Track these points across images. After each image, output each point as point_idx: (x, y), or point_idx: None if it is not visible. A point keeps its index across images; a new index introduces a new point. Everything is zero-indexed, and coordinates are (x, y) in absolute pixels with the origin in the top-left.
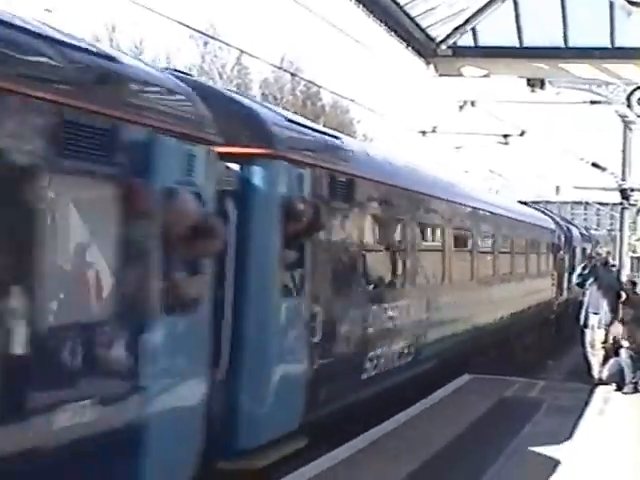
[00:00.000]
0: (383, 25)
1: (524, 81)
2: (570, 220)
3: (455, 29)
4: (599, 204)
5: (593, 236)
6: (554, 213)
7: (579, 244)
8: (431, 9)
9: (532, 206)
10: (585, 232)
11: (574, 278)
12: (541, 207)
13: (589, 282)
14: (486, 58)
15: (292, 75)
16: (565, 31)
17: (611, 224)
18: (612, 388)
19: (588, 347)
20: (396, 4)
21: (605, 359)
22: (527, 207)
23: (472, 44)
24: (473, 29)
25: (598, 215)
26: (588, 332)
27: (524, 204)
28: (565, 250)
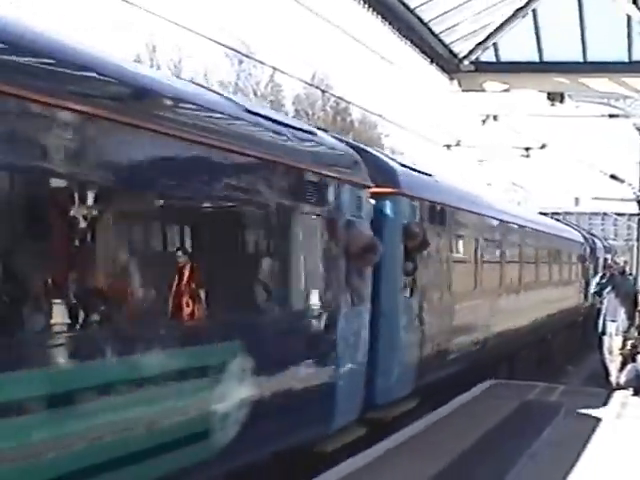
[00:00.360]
0: (408, 42)
1: (544, 95)
2: (592, 232)
3: (477, 45)
4: (617, 215)
5: (612, 247)
6: (580, 227)
7: (602, 254)
8: (454, 26)
9: (563, 221)
10: (606, 244)
11: (592, 287)
12: (565, 219)
13: (607, 290)
14: (507, 73)
15: (322, 92)
16: (584, 46)
17: (628, 234)
18: (629, 393)
19: (606, 353)
20: (420, 21)
21: (623, 365)
22: (559, 222)
23: (494, 59)
24: (495, 45)
25: (616, 225)
26: (606, 339)
27: (544, 215)
28: (590, 260)
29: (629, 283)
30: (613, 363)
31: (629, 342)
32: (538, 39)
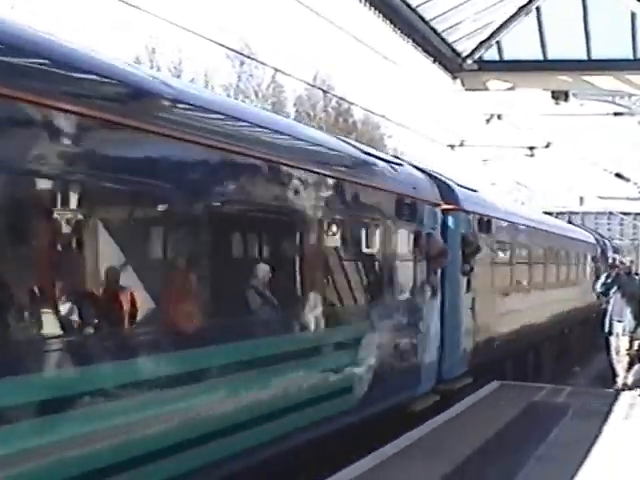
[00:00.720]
0: (410, 41)
1: (549, 94)
2: (600, 233)
3: (480, 43)
4: (622, 214)
5: (619, 246)
6: (591, 229)
7: (611, 255)
8: (457, 24)
9: (575, 224)
10: (614, 244)
11: (598, 287)
12: (570, 219)
13: (613, 290)
14: (511, 72)
15: (324, 92)
16: (588, 44)
17: (634, 233)
18: (637, 393)
19: (613, 354)
20: (422, 20)
21: (630, 365)
22: (574, 226)
23: (497, 58)
24: (498, 43)
25: (621, 225)
26: (613, 339)
27: (549, 214)
28: (601, 260)
29: (635, 283)
30: (620, 364)
31: (636, 342)
32: (542, 37)
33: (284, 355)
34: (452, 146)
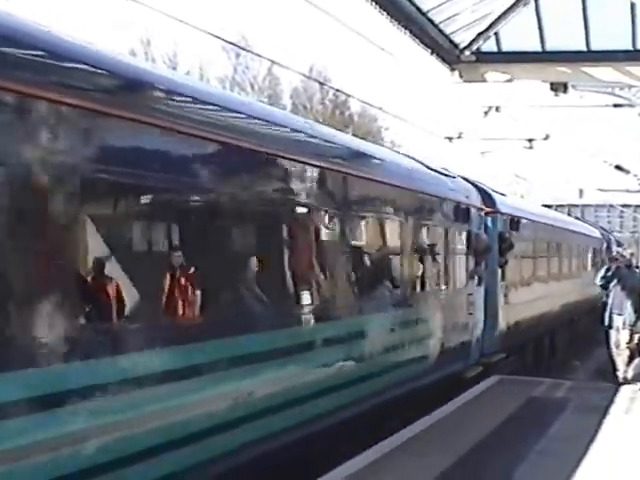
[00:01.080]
0: (407, 32)
1: (547, 85)
2: (604, 227)
3: (478, 35)
4: (622, 206)
5: (612, 239)
6: (598, 225)
7: (615, 248)
8: (454, 15)
9: (582, 219)
10: (616, 237)
11: (598, 280)
12: (570, 212)
13: (613, 284)
14: (509, 63)
15: (321, 84)
16: (587, 34)
17: (634, 226)
18: (637, 387)
19: (613, 347)
20: (420, 11)
21: (630, 359)
22: (582, 221)
23: (495, 49)
24: (496, 34)
25: (621, 217)
26: (613, 333)
27: (548, 207)
28: (607, 254)
29: (635, 276)
30: (620, 357)
31: (636, 336)
32: (540, 28)
33: (391, 330)
34: (450, 138)
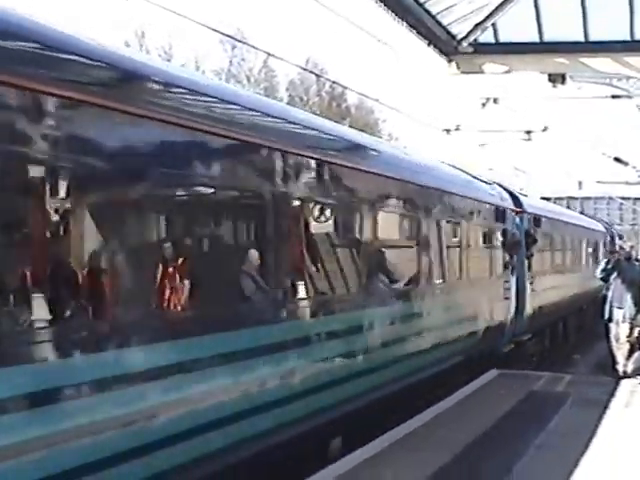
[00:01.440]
0: (405, 23)
1: (545, 77)
2: (607, 221)
3: (476, 26)
4: (622, 199)
5: (615, 231)
6: (603, 220)
7: (617, 241)
8: (451, 6)
9: (587, 214)
10: (617, 230)
11: (598, 272)
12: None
13: (613, 276)
14: (507, 54)
15: (317, 76)
16: (585, 25)
17: (634, 218)
18: (637, 381)
19: (613, 341)
20: (417, 2)
21: (630, 352)
22: (586, 216)
23: (493, 41)
24: (494, 25)
25: (621, 210)
26: (612, 326)
27: (547, 200)
28: (610, 247)
29: (635, 269)
30: (620, 351)
31: (636, 329)
32: (538, 19)
33: (454, 314)
34: (448, 130)
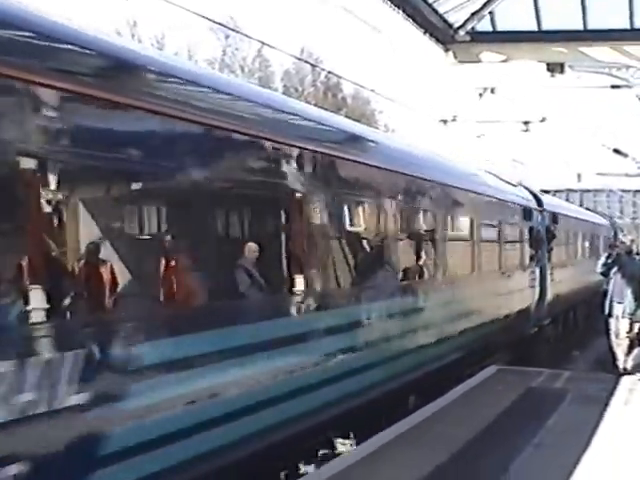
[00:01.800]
0: (400, 11)
1: (544, 66)
2: (611, 215)
3: (473, 14)
4: (622, 191)
5: (618, 225)
6: (608, 215)
7: (620, 235)
8: None
9: (592, 210)
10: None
11: (598, 267)
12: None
13: (613, 271)
14: (505, 43)
15: (312, 66)
16: (584, 13)
17: (634, 212)
18: (637, 378)
19: (612, 337)
20: None
21: (630, 349)
22: (593, 212)
23: (490, 29)
24: (491, 13)
25: (621, 203)
26: (612, 321)
27: (547, 192)
28: (614, 240)
29: (636, 263)
30: (620, 347)
31: (636, 325)
32: (536, 7)
33: (501, 300)
34: (445, 121)
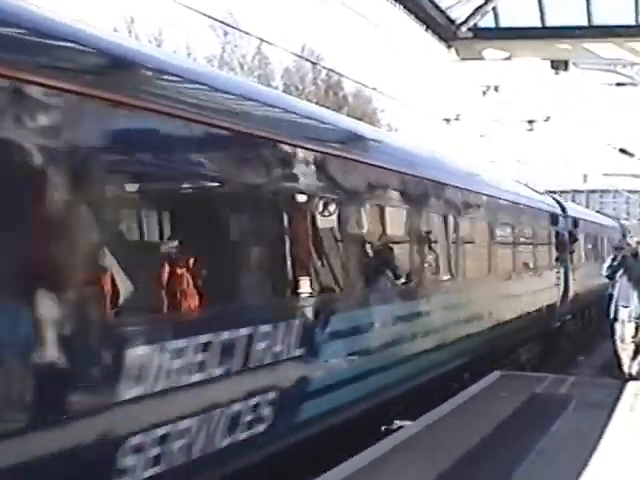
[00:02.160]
0: (402, 8)
1: (548, 63)
2: (613, 216)
3: (475, 10)
4: (628, 192)
5: (626, 227)
6: (616, 218)
7: (628, 237)
8: None
9: (602, 212)
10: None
11: (604, 270)
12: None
13: (619, 274)
14: (508, 40)
15: (313, 64)
16: (588, 9)
17: None
18: None
19: (618, 341)
20: None
21: (635, 353)
22: (603, 215)
23: (493, 25)
24: (494, 9)
25: (627, 203)
26: (618, 326)
27: (553, 193)
28: (623, 242)
29: None
30: (625, 352)
31: None
32: (540, 3)
33: (536, 296)
34: (448, 120)
